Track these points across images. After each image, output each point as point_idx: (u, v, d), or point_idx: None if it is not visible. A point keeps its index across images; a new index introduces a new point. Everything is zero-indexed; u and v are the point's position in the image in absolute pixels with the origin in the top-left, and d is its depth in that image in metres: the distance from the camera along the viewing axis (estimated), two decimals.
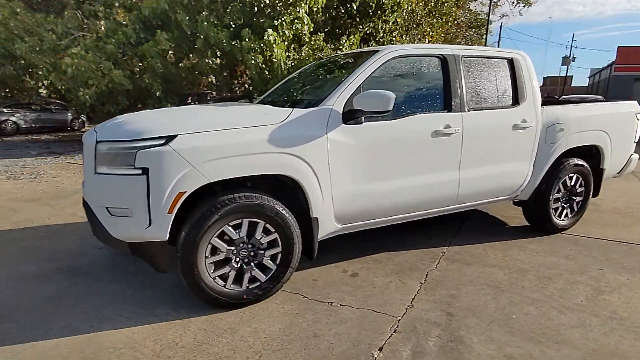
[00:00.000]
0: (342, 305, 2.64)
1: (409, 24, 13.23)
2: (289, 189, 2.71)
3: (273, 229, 2.57)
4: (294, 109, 2.67)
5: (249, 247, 2.57)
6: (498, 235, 3.93)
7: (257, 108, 2.94)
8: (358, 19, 11.18)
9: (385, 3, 10.88)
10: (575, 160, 3.81)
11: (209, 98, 13.08)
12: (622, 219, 4.47)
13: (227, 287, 2.54)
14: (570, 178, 3.86)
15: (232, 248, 2.51)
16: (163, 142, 2.27)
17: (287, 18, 9.15)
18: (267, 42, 8.80)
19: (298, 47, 10.00)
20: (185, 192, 2.30)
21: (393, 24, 11.78)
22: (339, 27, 11.41)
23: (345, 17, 11.20)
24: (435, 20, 14.61)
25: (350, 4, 10.66)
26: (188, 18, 9.40)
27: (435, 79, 3.15)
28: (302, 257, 2.79)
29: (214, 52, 10.00)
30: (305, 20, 9.44)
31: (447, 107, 3.12)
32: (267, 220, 2.53)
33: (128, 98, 10.54)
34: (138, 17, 9.70)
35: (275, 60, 9.03)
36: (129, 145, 2.28)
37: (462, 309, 2.59)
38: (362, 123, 2.75)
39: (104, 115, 10.09)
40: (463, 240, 3.79)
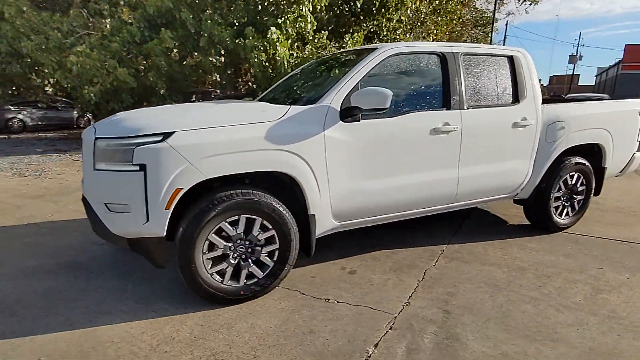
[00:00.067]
0: (339, 302, 2.65)
1: (414, 22, 13.19)
2: (287, 186, 2.72)
3: (270, 226, 2.58)
4: (292, 106, 2.68)
5: (247, 243, 2.58)
6: (498, 234, 3.91)
7: (254, 105, 2.95)
8: (362, 17, 11.16)
9: (389, 1, 10.85)
10: (576, 159, 3.79)
11: (213, 96, 13.13)
12: (624, 218, 4.43)
13: (224, 283, 2.56)
14: (571, 177, 3.84)
15: (229, 244, 2.53)
16: (160, 138, 2.28)
17: (290, 16, 9.15)
18: (270, 40, 8.81)
19: (301, 45, 10.01)
20: (183, 188, 2.32)
21: (397, 22, 11.75)
22: (343, 25, 11.40)
23: (349, 15, 11.19)
24: (440, 19, 14.55)
25: (354, 2, 10.64)
26: (192, 16, 9.43)
27: (434, 77, 3.14)
28: (300, 254, 2.81)
29: (218, 50, 10.03)
30: (309, 19, 9.44)
31: (446, 104, 3.12)
32: (264, 217, 2.55)
33: (132, 96, 10.59)
34: (143, 15, 9.75)
35: (279, 59, 9.04)
36: (127, 142, 2.30)
37: (459, 307, 2.58)
38: (359, 120, 2.75)
39: (109, 113, 10.14)
40: (463, 239, 3.78)
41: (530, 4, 25.81)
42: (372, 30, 11.51)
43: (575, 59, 49.19)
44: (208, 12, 9.64)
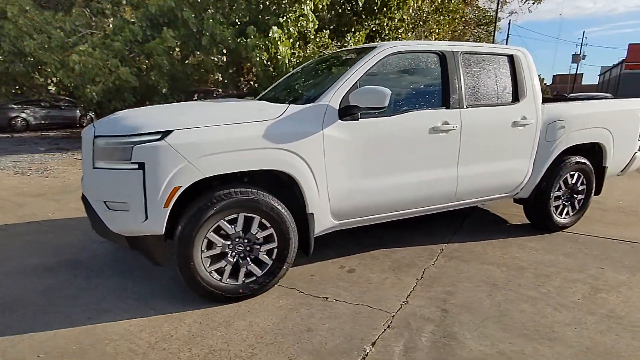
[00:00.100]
0: (337, 301, 2.65)
1: (416, 21, 13.16)
2: (286, 185, 2.72)
3: (269, 224, 2.59)
4: (290, 105, 2.68)
5: (245, 242, 2.59)
6: (498, 233, 3.91)
7: (253, 104, 2.96)
8: (363, 16, 11.15)
9: (391, 0, 10.83)
10: (577, 158, 3.78)
11: (215, 95, 13.16)
12: (625, 218, 4.42)
13: (223, 281, 2.57)
14: (572, 176, 3.83)
15: (228, 243, 2.54)
16: (159, 137, 2.29)
17: (292, 15, 9.16)
18: (272, 39, 8.82)
19: (303, 44, 10.01)
20: (181, 186, 2.33)
21: (399, 21, 11.74)
22: (345, 24, 11.39)
23: (351, 14, 11.18)
24: (442, 18, 14.51)
25: (356, 1, 10.64)
26: (194, 15, 9.45)
27: (434, 76, 3.14)
28: (299, 252, 2.81)
29: (220, 49, 10.04)
30: (310, 18, 9.44)
31: (445, 103, 3.11)
32: (262, 216, 2.55)
33: (135, 95, 10.63)
34: (145, 14, 9.77)
35: (280, 58, 9.05)
36: (126, 140, 2.31)
37: (457, 306, 2.59)
38: (358, 119, 2.75)
39: (111, 112, 10.08)
40: (463, 238, 3.78)
41: (533, 3, 25.72)
42: (374, 30, 11.50)
43: (579, 58, 49.00)
44: (210, 11, 9.66)
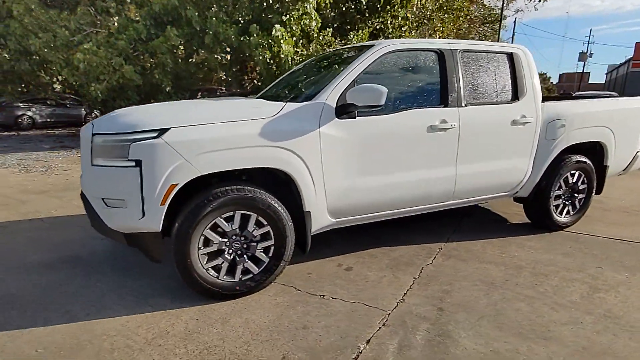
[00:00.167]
0: (333, 299, 2.66)
1: (419, 20, 13.11)
2: (283, 183, 2.73)
3: (265, 222, 2.60)
4: (287, 103, 2.69)
5: (242, 239, 2.60)
6: (498, 232, 3.89)
7: (250, 102, 2.97)
8: (367, 14, 11.13)
9: None
10: (577, 157, 3.75)
11: (219, 93, 13.19)
12: (627, 217, 4.39)
13: (220, 278, 2.58)
14: (572, 175, 3.81)
15: (224, 240, 2.55)
16: (156, 134, 2.31)
17: (295, 14, 9.17)
18: (274, 37, 8.83)
19: (306, 42, 10.01)
20: (178, 184, 2.35)
21: (402, 20, 11.70)
22: (348, 22, 11.38)
23: (354, 12, 11.17)
24: (447, 16, 14.44)
25: None
26: (197, 14, 9.48)
27: (432, 74, 3.13)
28: (297, 250, 2.82)
29: (223, 48, 10.07)
30: (314, 16, 9.44)
31: (443, 102, 3.11)
32: (259, 213, 2.56)
33: (139, 93, 10.69)
34: (149, 13, 9.82)
35: (283, 56, 9.06)
36: (123, 138, 2.33)
37: (453, 305, 2.58)
38: (355, 117, 2.76)
39: None
40: (462, 237, 3.77)
41: (539, 1, 25.49)
42: (377, 28, 11.48)
43: (586, 57, 48.57)
44: (213, 9, 9.68)
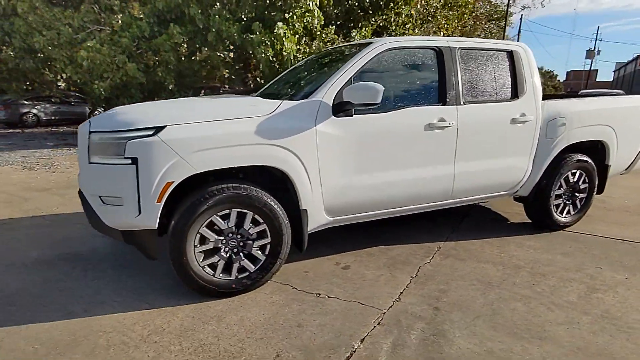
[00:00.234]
0: (329, 297, 2.66)
1: (424, 17, 13.03)
2: (280, 181, 2.73)
3: (262, 220, 2.61)
4: (284, 101, 2.69)
5: (238, 237, 2.61)
6: (497, 232, 3.88)
7: (247, 100, 2.97)
8: (370, 12, 11.07)
9: None
10: (578, 156, 3.72)
11: (222, 91, 13.20)
12: (629, 217, 4.35)
13: (216, 276, 2.59)
14: (573, 174, 3.78)
15: (220, 238, 2.56)
16: (152, 132, 2.32)
17: (298, 11, 9.14)
18: (277, 35, 8.81)
19: (309, 40, 9.98)
20: (174, 182, 2.36)
21: (406, 17, 11.63)
22: (351, 20, 11.33)
23: (358, 9, 11.11)
24: (451, 13, 14.32)
25: None
26: (200, 12, 9.48)
27: (430, 72, 3.12)
28: (294, 248, 2.83)
29: (226, 45, 10.07)
30: (316, 13, 9.41)
31: (441, 100, 3.09)
32: (255, 211, 2.57)
33: (142, 91, 10.72)
34: (152, 10, 9.83)
35: (285, 54, 9.04)
36: (119, 136, 2.34)
37: (449, 304, 2.58)
38: (352, 115, 2.75)
39: None
40: (461, 236, 3.76)
41: None
42: (380, 25, 11.42)
43: (593, 54, 48.11)
44: (216, 7, 9.67)
